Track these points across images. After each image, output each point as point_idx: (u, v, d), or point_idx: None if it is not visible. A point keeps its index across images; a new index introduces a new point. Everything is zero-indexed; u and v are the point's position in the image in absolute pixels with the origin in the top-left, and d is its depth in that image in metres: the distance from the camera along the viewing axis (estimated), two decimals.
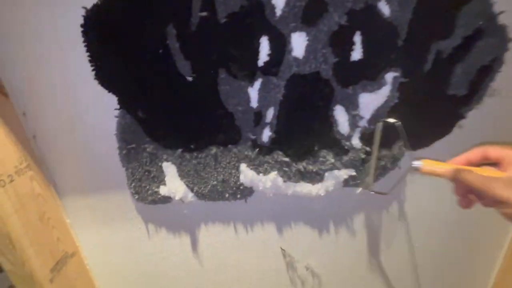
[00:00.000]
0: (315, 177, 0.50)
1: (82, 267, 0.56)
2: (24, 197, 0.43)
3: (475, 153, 0.34)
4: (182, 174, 0.49)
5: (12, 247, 0.41)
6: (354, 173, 0.50)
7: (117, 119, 0.45)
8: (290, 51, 0.42)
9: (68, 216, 0.53)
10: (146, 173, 0.49)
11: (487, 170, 0.32)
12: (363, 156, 0.48)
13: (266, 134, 0.47)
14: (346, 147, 0.48)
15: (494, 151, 0.32)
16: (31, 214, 0.44)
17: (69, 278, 0.51)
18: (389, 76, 0.44)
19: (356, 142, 0.48)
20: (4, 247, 0.41)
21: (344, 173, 0.50)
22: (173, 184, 0.50)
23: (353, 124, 0.47)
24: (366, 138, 0.48)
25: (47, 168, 0.49)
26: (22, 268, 0.42)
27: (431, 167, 0.35)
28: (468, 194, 0.34)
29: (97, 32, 0.40)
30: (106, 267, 0.59)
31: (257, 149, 0.48)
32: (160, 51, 0.41)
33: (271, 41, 0.41)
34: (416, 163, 0.36)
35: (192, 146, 0.47)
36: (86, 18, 0.39)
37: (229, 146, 0.48)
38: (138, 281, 0.61)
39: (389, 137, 0.47)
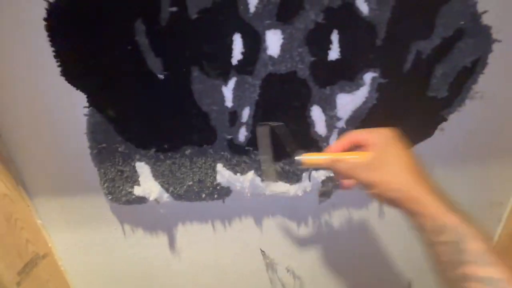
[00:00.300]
0: (293, 177, 0.49)
1: (55, 268, 0.55)
2: None
3: (347, 139, 0.35)
4: (157, 175, 0.48)
5: None
6: (332, 175, 0.49)
7: (86, 117, 0.43)
8: (265, 49, 0.40)
9: (39, 217, 0.51)
10: (119, 173, 0.47)
11: (357, 154, 0.34)
12: None
13: (243, 134, 0.46)
14: (323, 148, 0.47)
15: (360, 135, 0.34)
16: None
17: (40, 280, 0.50)
18: (368, 77, 0.43)
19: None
20: None
21: (321, 174, 0.49)
22: (147, 184, 0.48)
23: (330, 125, 0.46)
24: None
25: (16, 168, 0.47)
26: None
27: (311, 160, 0.37)
28: (346, 178, 0.37)
29: (62, 26, 0.38)
30: (81, 267, 0.58)
31: (234, 149, 0.47)
32: (129, 47, 0.39)
33: (244, 38, 0.39)
34: (298, 158, 0.37)
35: (165, 146, 0.46)
36: (49, 11, 0.37)
37: (205, 146, 0.46)
38: (116, 282, 0.60)
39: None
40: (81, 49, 0.39)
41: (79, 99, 0.42)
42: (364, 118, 0.45)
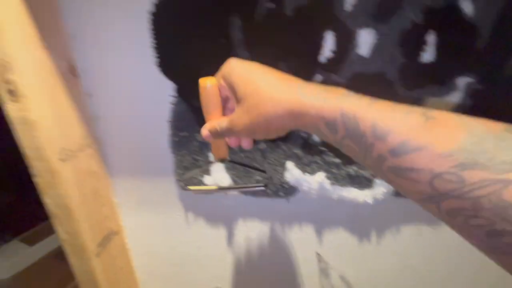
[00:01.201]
0: (365, 182, 0.48)
1: (122, 246, 0.58)
2: (82, 173, 0.46)
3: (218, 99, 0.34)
4: (228, 166, 0.49)
5: (70, 218, 0.43)
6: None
7: (172, 106, 0.46)
8: (356, 48, 0.40)
9: (115, 196, 0.55)
10: (194, 161, 0.49)
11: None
12: None
13: None
14: None
15: (223, 91, 0.33)
16: (87, 189, 0.47)
17: (111, 255, 0.54)
18: (462, 81, 0.40)
19: None
20: (63, 217, 0.43)
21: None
22: (219, 175, 0.50)
23: None
24: None
25: (103, 148, 0.51)
26: (76, 239, 0.45)
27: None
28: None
29: (165, 20, 0.41)
30: (143, 248, 0.61)
31: (307, 148, 0.46)
32: (223, 40, 0.41)
33: (336, 36, 0.39)
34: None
35: None
36: (157, 5, 0.40)
37: (278, 142, 0.47)
38: (172, 266, 0.63)
39: None
40: (178, 42, 0.42)
41: (168, 88, 0.45)
42: None
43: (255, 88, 0.28)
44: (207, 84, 0.33)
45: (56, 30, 0.41)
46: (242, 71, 0.30)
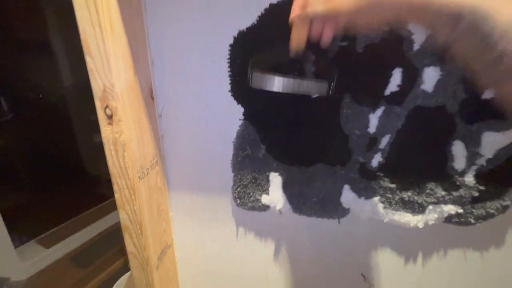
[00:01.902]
0: (418, 208, 0.50)
1: (173, 259, 0.60)
2: (152, 189, 0.48)
3: None
4: (286, 187, 0.52)
5: (140, 233, 0.46)
6: (461, 211, 0.48)
7: (238, 128, 0.49)
8: (420, 84, 0.42)
9: (172, 210, 0.58)
10: (253, 180, 0.52)
11: None
12: (476, 194, 0.47)
13: (377, 160, 0.48)
14: (458, 183, 0.47)
15: None
16: (153, 205, 0.49)
17: (166, 268, 0.56)
18: None
19: (470, 179, 0.47)
20: (134, 231, 0.46)
21: (450, 209, 0.49)
22: (276, 194, 0.52)
23: (470, 162, 0.46)
24: (482, 176, 0.46)
25: (165, 165, 0.54)
26: (143, 252, 0.47)
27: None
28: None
29: (242, 51, 0.44)
30: (190, 261, 0.63)
31: (364, 173, 0.49)
32: (296, 73, 0.44)
33: (404, 73, 0.42)
34: None
35: (301, 161, 0.49)
36: (236, 38, 0.44)
37: (337, 166, 0.49)
38: (215, 280, 0.64)
39: None
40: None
41: (236, 112, 0.48)
42: (509, 157, 0.45)
43: None
44: None
45: (145, 58, 0.44)
46: None
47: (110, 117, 0.38)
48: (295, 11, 0.31)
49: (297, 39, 0.34)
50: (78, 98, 1.82)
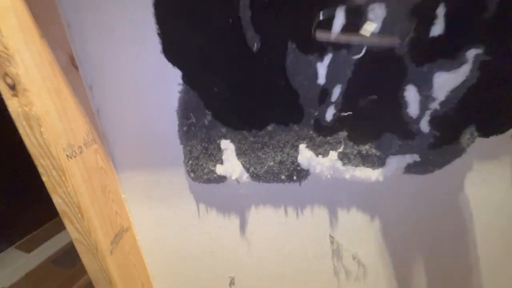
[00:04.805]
0: (377, 161, 0.48)
1: (134, 242, 0.57)
2: (90, 169, 0.44)
3: None
4: (240, 153, 0.49)
5: (81, 216, 0.42)
6: (418, 159, 0.47)
7: (179, 95, 0.45)
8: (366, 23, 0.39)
9: (123, 191, 0.54)
10: (204, 150, 0.48)
11: None
12: (431, 140, 0.46)
13: (330, 113, 0.45)
14: (413, 130, 0.46)
15: None
16: (95, 186, 0.45)
17: (124, 252, 0.53)
18: (471, 54, 0.41)
19: (424, 126, 0.45)
20: (73, 216, 0.42)
21: (408, 159, 0.48)
22: (230, 163, 0.49)
23: (424, 106, 0.44)
24: (436, 121, 0.45)
25: (108, 143, 0.50)
26: (89, 237, 0.43)
27: None
28: None
29: (168, 3, 0.39)
30: (155, 243, 0.60)
31: (319, 128, 0.46)
32: (230, 21, 0.39)
33: (347, 12, 0.38)
34: None
35: (251, 123, 0.46)
36: None
37: (290, 124, 0.46)
38: (185, 259, 0.62)
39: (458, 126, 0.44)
40: (184, 26, 0.40)
41: (174, 77, 0.44)
42: (461, 99, 0.43)
43: None
44: None
45: (54, 20, 0.38)
46: None
47: (12, 87, 0.33)
48: None
49: None
50: None
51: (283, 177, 0.50)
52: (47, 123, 0.35)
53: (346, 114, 0.45)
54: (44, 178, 0.39)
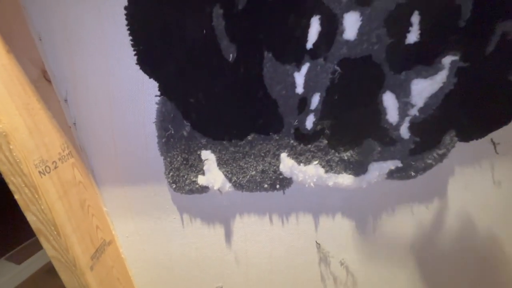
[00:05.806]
0: (359, 168, 0.48)
1: (117, 255, 0.56)
2: (66, 184, 0.43)
3: None
4: (221, 163, 0.48)
5: (56, 234, 0.41)
6: (400, 165, 0.47)
7: (157, 106, 0.44)
8: (342, 32, 0.39)
9: (105, 205, 0.53)
10: (184, 162, 0.48)
11: None
12: (412, 146, 0.45)
13: (310, 121, 0.45)
14: (393, 137, 0.45)
15: None
16: (73, 201, 0.44)
17: (106, 266, 0.52)
18: (447, 60, 0.41)
19: (404, 132, 0.45)
20: (49, 233, 0.41)
21: (389, 165, 0.47)
22: (212, 174, 0.48)
23: (403, 113, 0.44)
24: (416, 127, 0.45)
25: (86, 156, 0.49)
26: (66, 254, 0.42)
27: None
28: None
29: (141, 14, 0.38)
30: (140, 255, 0.59)
31: (300, 137, 0.46)
32: (204, 31, 0.39)
33: (322, 21, 0.38)
34: None
35: (231, 133, 0.46)
36: (130, 0, 0.38)
37: (270, 134, 0.46)
38: (170, 270, 0.61)
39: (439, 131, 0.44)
40: (158, 37, 0.40)
41: (151, 88, 0.43)
42: (439, 105, 0.43)
43: None
44: None
45: (22, 33, 0.37)
46: None
47: None
48: None
49: None
50: None
51: (266, 186, 0.49)
52: (16, 140, 0.34)
53: (325, 122, 0.44)
54: (16, 196, 0.38)
